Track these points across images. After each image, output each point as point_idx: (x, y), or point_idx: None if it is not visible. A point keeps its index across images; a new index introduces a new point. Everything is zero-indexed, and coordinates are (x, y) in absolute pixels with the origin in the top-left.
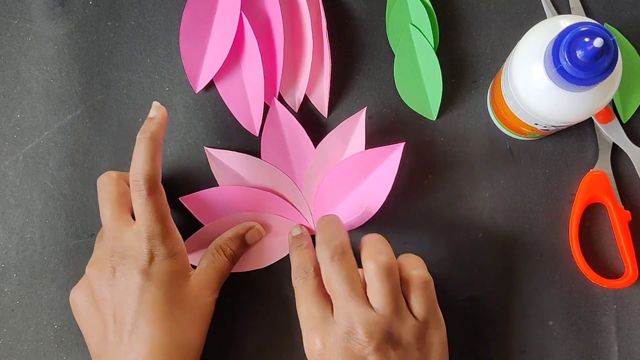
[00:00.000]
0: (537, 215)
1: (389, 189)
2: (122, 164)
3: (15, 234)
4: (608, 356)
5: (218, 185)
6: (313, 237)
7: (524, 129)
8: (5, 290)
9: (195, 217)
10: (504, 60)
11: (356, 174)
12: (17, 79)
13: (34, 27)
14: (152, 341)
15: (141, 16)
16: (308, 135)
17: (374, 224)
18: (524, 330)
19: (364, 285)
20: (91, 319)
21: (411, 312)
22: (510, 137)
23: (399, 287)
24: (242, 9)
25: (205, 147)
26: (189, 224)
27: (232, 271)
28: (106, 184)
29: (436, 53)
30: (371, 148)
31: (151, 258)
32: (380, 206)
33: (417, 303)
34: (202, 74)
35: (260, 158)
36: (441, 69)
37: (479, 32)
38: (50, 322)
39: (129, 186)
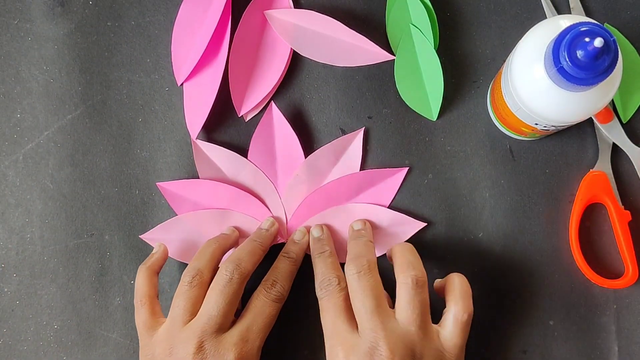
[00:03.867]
0: (537, 215)
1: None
2: (122, 164)
3: (15, 234)
4: (608, 356)
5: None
6: (280, 244)
7: (524, 129)
8: (5, 290)
9: (170, 205)
10: (504, 60)
11: (349, 190)
12: (17, 79)
13: (34, 27)
14: None
15: (141, 16)
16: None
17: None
18: (525, 330)
19: (389, 301)
20: None
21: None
22: (510, 137)
23: (428, 304)
24: (245, 15)
25: (194, 139)
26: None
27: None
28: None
29: (436, 53)
30: (375, 169)
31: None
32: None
33: (449, 334)
34: (184, 68)
35: (247, 157)
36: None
37: (479, 32)
38: (50, 322)
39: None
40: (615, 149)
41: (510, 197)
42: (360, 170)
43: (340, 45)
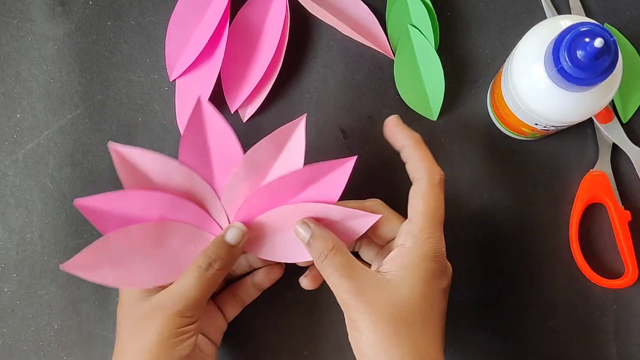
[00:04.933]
0: (537, 215)
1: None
2: None
3: (15, 234)
4: (608, 356)
5: (123, 188)
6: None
7: (524, 129)
8: (5, 290)
9: (94, 225)
10: (504, 60)
11: (294, 187)
12: (17, 79)
13: (34, 27)
14: None
15: (141, 16)
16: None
17: None
18: (524, 331)
19: None
20: None
21: None
22: (510, 137)
23: None
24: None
25: (110, 142)
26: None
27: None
28: None
29: (436, 53)
30: (322, 161)
31: None
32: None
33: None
34: (178, 65)
35: (178, 159)
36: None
37: (479, 32)
38: (50, 322)
39: None
40: (615, 149)
41: (510, 197)
42: (304, 163)
43: (350, 17)
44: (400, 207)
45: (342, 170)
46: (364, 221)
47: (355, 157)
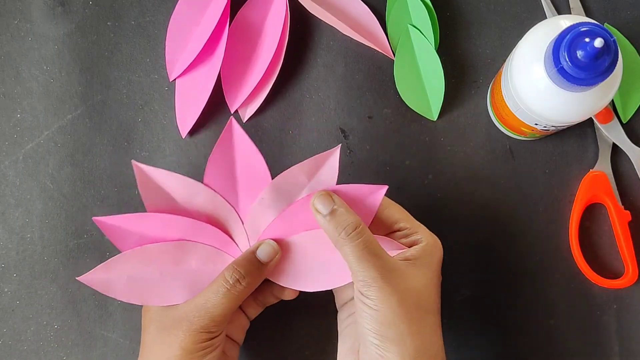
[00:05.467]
0: (537, 215)
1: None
2: (122, 164)
3: (15, 234)
4: (608, 356)
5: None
6: None
7: (524, 129)
8: (5, 290)
9: (111, 242)
10: (504, 60)
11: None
12: (17, 79)
13: (34, 27)
14: None
15: (141, 16)
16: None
17: None
18: (525, 330)
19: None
20: None
21: None
22: (510, 137)
23: None
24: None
25: (133, 161)
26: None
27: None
28: None
29: (436, 53)
30: (351, 184)
31: None
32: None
33: None
34: (178, 64)
35: (203, 181)
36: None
37: (479, 32)
38: (50, 322)
39: None
40: (615, 149)
41: (510, 197)
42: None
43: (350, 17)
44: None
45: (373, 198)
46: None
47: (386, 187)
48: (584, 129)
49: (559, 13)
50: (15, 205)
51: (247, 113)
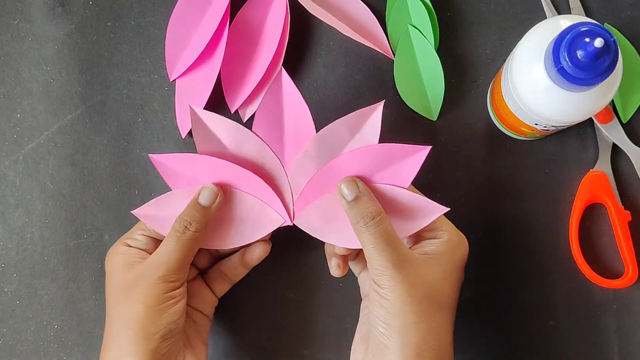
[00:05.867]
0: (537, 215)
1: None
2: (122, 164)
3: (15, 234)
4: (608, 356)
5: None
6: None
7: (524, 129)
8: (5, 290)
9: (163, 179)
10: (504, 60)
11: (364, 167)
12: (17, 79)
13: (34, 27)
14: None
15: (141, 16)
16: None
17: None
18: (524, 330)
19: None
20: None
21: None
22: (510, 137)
23: None
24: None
25: (190, 105)
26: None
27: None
28: None
29: (436, 53)
30: (394, 143)
31: None
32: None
33: None
34: (178, 65)
35: (251, 129)
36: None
37: (479, 32)
38: (50, 322)
39: None
40: (615, 149)
41: (510, 197)
42: None
43: (350, 17)
44: None
45: (416, 157)
46: (432, 211)
47: (429, 147)
48: (584, 129)
49: (559, 13)
50: (15, 205)
51: (247, 113)
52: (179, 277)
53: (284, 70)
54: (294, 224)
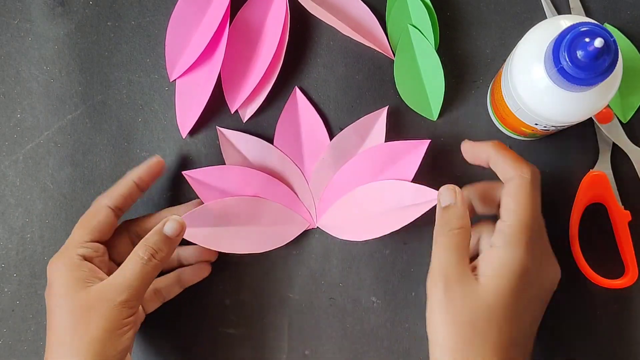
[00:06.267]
0: None
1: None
2: (122, 164)
3: (15, 234)
4: (608, 356)
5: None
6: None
7: (524, 129)
8: (5, 290)
9: (196, 193)
10: (504, 60)
11: (373, 167)
12: (17, 79)
13: (34, 27)
14: None
15: (141, 16)
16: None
17: None
18: None
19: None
20: None
21: None
22: (510, 137)
23: None
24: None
25: (217, 126)
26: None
27: (225, 252)
28: None
29: (436, 53)
30: (398, 141)
31: None
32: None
33: None
34: (178, 65)
35: (273, 144)
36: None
37: (479, 32)
38: None
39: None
40: (615, 149)
41: None
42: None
43: (350, 17)
44: None
45: (417, 151)
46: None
47: (428, 141)
48: (584, 129)
49: (559, 13)
50: (15, 205)
51: (247, 113)
52: (138, 303)
53: (298, 90)
54: (317, 226)
